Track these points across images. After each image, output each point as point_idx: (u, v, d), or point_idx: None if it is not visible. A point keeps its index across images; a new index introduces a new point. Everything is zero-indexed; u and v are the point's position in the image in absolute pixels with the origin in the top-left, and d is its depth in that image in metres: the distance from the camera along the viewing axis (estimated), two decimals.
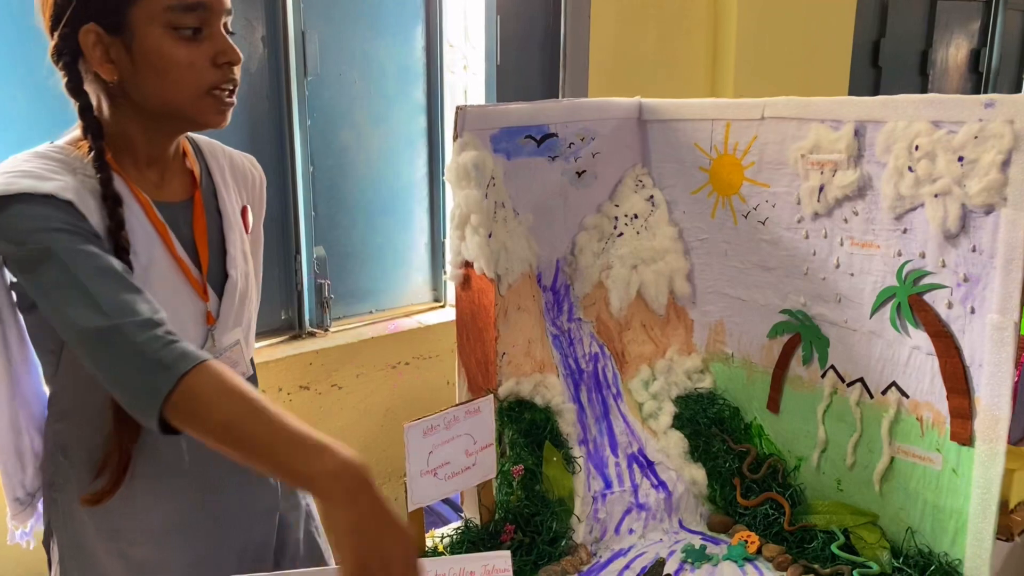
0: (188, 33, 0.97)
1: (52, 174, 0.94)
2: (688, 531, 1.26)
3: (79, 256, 0.90)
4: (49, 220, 0.91)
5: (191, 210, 1.09)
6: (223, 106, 1.01)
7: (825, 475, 1.24)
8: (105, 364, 0.88)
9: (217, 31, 0.99)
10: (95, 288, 0.89)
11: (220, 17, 0.99)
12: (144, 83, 0.98)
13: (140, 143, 1.03)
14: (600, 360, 1.37)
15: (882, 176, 1.09)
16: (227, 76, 1.00)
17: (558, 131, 1.32)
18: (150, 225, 1.03)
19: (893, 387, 1.13)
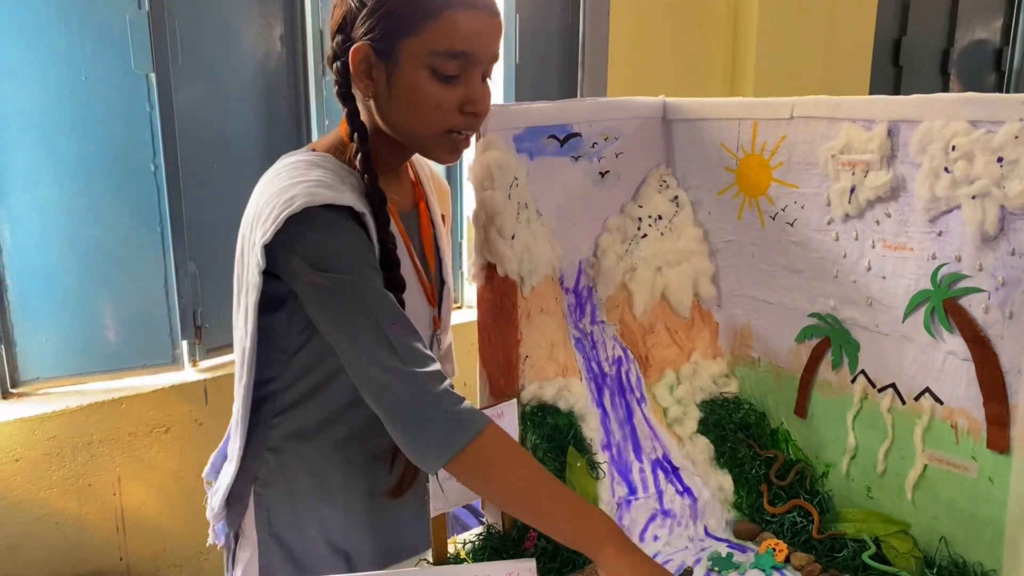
0: (447, 77, 0.99)
1: (338, 184, 1.00)
2: (714, 538, 1.23)
3: (378, 297, 0.96)
4: (350, 250, 0.97)
5: (418, 218, 1.17)
6: (457, 148, 1.06)
7: (855, 482, 1.21)
8: (396, 408, 0.93)
9: (474, 79, 1.01)
10: (391, 332, 0.94)
11: (482, 66, 1.01)
12: (393, 110, 1.03)
13: (384, 155, 1.09)
14: (624, 364, 1.35)
15: (916, 177, 1.06)
16: (469, 124, 1.04)
17: (581, 131, 1.29)
18: (398, 234, 1.09)
19: (927, 393, 1.10)
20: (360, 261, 0.97)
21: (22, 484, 1.71)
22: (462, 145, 1.06)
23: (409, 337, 0.95)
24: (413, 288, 1.10)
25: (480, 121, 1.06)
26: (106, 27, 1.75)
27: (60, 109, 1.74)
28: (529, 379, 1.22)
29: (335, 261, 0.95)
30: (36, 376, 1.81)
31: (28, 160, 1.73)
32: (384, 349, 0.93)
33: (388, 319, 0.94)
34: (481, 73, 1.02)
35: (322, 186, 0.98)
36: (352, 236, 0.98)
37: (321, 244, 0.96)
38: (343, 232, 0.97)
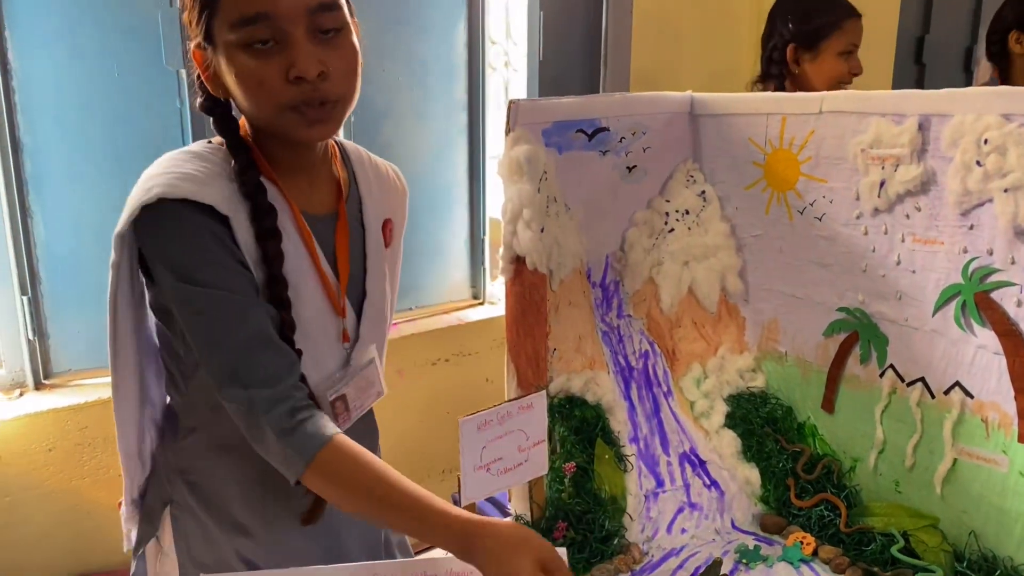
0: (260, 47, 0.88)
1: (212, 179, 0.92)
2: (741, 531, 1.24)
3: (229, 311, 0.90)
4: (204, 255, 0.90)
5: (335, 222, 1.04)
6: (314, 121, 0.92)
7: (883, 476, 1.21)
8: (242, 428, 0.92)
9: (294, 40, 0.88)
10: (236, 350, 0.90)
11: (296, 23, 0.88)
12: (237, 101, 0.94)
13: (278, 151, 0.99)
14: (650, 357, 1.35)
15: (948, 171, 1.06)
16: (305, 92, 0.89)
17: (610, 125, 1.30)
18: (298, 235, 0.99)
19: (957, 387, 1.10)
20: (217, 265, 0.91)
21: (55, 474, 1.74)
22: (318, 117, 0.92)
23: (258, 352, 0.91)
24: (313, 295, 1.01)
25: (321, 87, 0.90)
26: (138, 25, 1.77)
27: (93, 105, 1.77)
28: (557, 371, 1.23)
29: (189, 269, 0.90)
30: (68, 368, 1.84)
31: (62, 155, 1.76)
32: (227, 369, 0.90)
33: (233, 332, 0.90)
34: (304, 30, 0.88)
35: (188, 179, 0.90)
36: (207, 237, 0.90)
37: (176, 249, 0.90)
38: (197, 234, 0.90)
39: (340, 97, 0.93)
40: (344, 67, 0.92)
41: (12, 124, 1.70)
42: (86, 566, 1.80)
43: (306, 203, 1.02)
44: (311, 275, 1.01)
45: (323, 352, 1.02)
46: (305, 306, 0.99)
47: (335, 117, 0.94)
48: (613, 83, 2.44)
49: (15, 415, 1.68)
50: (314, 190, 1.03)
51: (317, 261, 1.01)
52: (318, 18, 0.89)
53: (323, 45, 0.90)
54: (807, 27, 1.89)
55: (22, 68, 1.70)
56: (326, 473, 0.90)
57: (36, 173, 1.74)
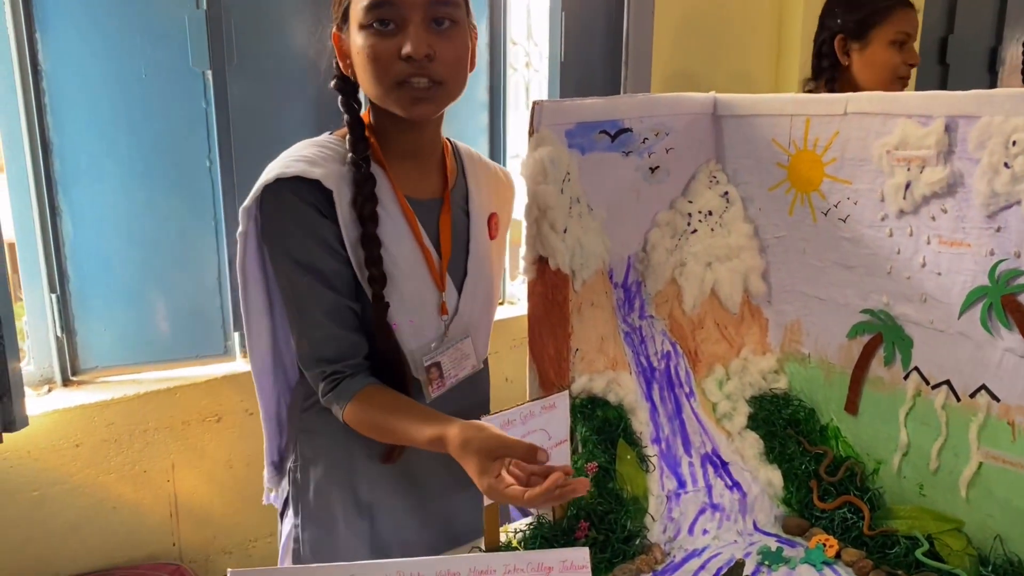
0: (381, 28, 1.02)
1: (324, 161, 1.08)
2: (763, 533, 1.24)
3: (308, 294, 1.08)
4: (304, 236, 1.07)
5: (440, 207, 1.18)
6: (415, 99, 1.05)
7: (906, 479, 1.20)
8: None
9: (413, 25, 1.01)
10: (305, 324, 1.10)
11: (415, 11, 1.01)
12: (359, 78, 1.08)
13: (392, 136, 1.13)
14: (672, 358, 1.35)
15: (975, 173, 1.06)
16: (412, 70, 1.02)
17: (632, 126, 1.30)
18: (401, 215, 1.13)
19: (983, 390, 1.09)
20: (312, 244, 1.07)
21: (81, 469, 1.76)
22: (422, 95, 1.05)
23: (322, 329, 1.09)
24: (416, 271, 1.14)
25: (426, 67, 1.03)
26: (165, 26, 1.79)
27: (120, 106, 1.79)
28: (579, 372, 1.24)
29: (284, 241, 1.07)
30: (95, 365, 1.87)
31: (89, 155, 1.78)
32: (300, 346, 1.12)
33: (306, 310, 1.09)
34: (421, 18, 1.02)
35: (302, 160, 1.06)
36: (310, 216, 1.07)
37: (280, 226, 1.07)
38: (301, 212, 1.06)
39: (443, 79, 1.05)
40: (451, 55, 1.05)
41: (42, 124, 1.73)
42: (112, 561, 1.82)
43: (413, 188, 1.15)
44: (413, 252, 1.13)
45: (422, 321, 1.15)
46: (406, 279, 1.12)
47: (437, 98, 1.07)
48: (634, 84, 2.43)
49: (43, 411, 1.70)
50: (423, 176, 1.17)
51: (420, 239, 1.13)
52: (435, 9, 1.02)
53: (436, 33, 1.03)
54: (855, 16, 1.85)
55: (52, 69, 1.72)
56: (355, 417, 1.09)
57: (65, 173, 1.77)
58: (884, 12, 1.83)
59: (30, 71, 1.70)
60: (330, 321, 1.09)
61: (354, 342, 1.11)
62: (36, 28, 1.70)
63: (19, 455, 1.69)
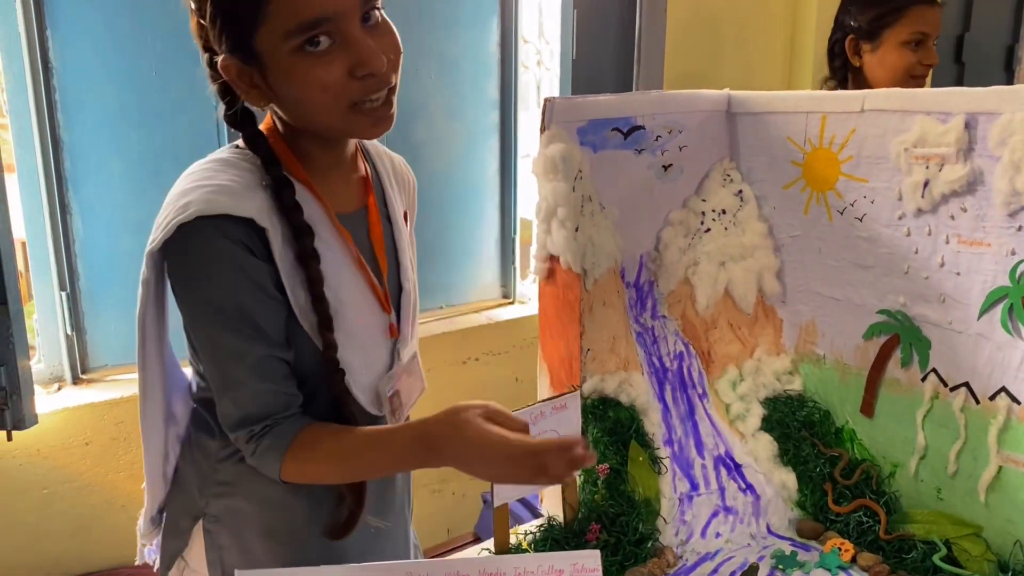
0: (315, 50, 0.85)
1: (246, 190, 0.90)
2: (777, 536, 1.22)
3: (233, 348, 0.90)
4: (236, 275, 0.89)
5: (366, 218, 1.02)
6: (378, 118, 0.90)
7: (924, 483, 1.18)
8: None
9: (352, 37, 0.85)
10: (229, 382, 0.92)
11: (351, 19, 0.85)
12: (291, 108, 0.91)
13: (316, 154, 0.97)
14: (685, 359, 1.34)
15: (995, 171, 1.03)
16: (371, 87, 0.87)
17: (645, 123, 1.29)
18: (337, 240, 0.97)
19: (1003, 392, 1.07)
20: (242, 292, 0.89)
21: (91, 467, 1.76)
22: (381, 112, 0.90)
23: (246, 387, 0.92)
24: (360, 297, 0.99)
25: (385, 76, 0.88)
26: (176, 23, 1.78)
27: (131, 104, 1.79)
28: (591, 372, 1.22)
29: (205, 286, 0.89)
30: (104, 363, 1.87)
31: (100, 153, 1.78)
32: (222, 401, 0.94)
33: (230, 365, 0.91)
34: (356, 26, 0.86)
35: (224, 192, 0.88)
36: (241, 258, 0.89)
37: (198, 272, 0.89)
38: (231, 254, 0.88)
39: (395, 82, 0.91)
40: (394, 49, 0.90)
41: (52, 122, 1.73)
42: (120, 560, 1.82)
43: (340, 202, 1.00)
44: (355, 277, 0.99)
45: (374, 352, 1.02)
46: (352, 309, 0.98)
47: (393, 111, 0.93)
48: (646, 82, 2.42)
49: (53, 409, 1.70)
50: (347, 187, 1.02)
51: (360, 261, 0.99)
52: (365, 8, 0.86)
53: (374, 36, 0.88)
54: (868, 15, 1.78)
55: (62, 67, 1.72)
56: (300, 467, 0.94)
57: (75, 171, 1.77)
58: (898, 12, 1.76)
59: (41, 69, 1.70)
60: (259, 377, 0.92)
61: (287, 395, 0.95)
62: (47, 26, 1.70)
63: (28, 453, 1.69)
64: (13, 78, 1.69)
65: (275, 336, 0.93)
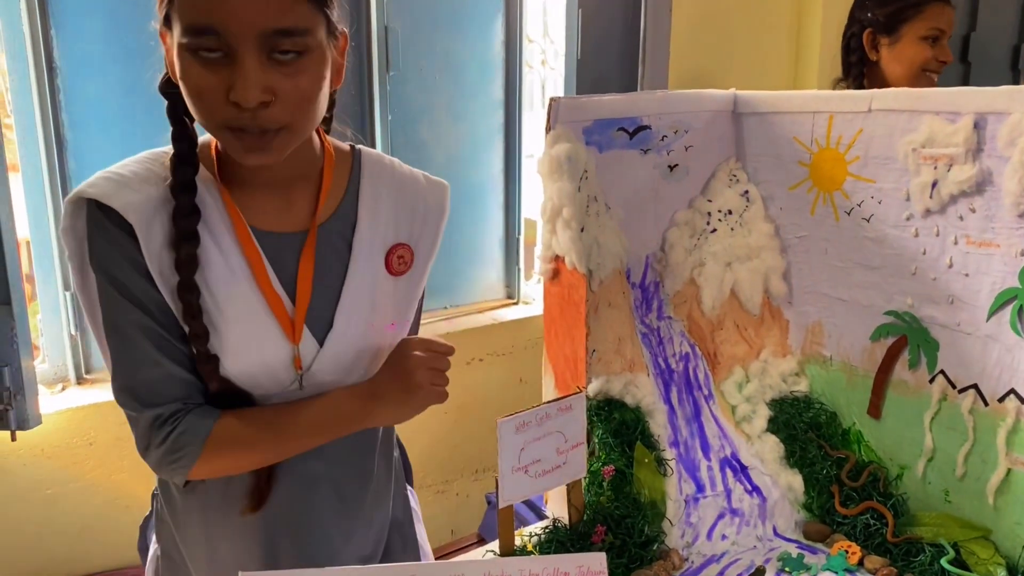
0: (207, 56, 0.80)
1: (140, 184, 0.88)
2: (783, 538, 1.21)
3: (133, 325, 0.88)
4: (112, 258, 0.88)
5: (300, 243, 0.95)
6: (247, 146, 0.84)
7: (932, 485, 1.18)
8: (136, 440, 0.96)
9: (241, 61, 0.79)
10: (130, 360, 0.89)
11: (246, 42, 0.79)
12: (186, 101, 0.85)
13: (237, 165, 0.90)
14: (691, 360, 1.33)
15: (1004, 171, 1.03)
16: (240, 118, 0.81)
17: (651, 123, 1.28)
18: (240, 255, 0.92)
19: (1012, 394, 1.06)
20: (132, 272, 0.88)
21: (95, 467, 1.76)
22: (251, 142, 0.83)
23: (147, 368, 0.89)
24: (254, 316, 0.93)
25: (257, 115, 0.81)
26: None
27: (135, 105, 1.79)
28: (596, 373, 1.22)
29: (108, 268, 0.88)
30: None
31: (105, 155, 1.78)
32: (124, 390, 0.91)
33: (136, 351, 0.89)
34: (255, 51, 0.80)
35: (111, 179, 0.87)
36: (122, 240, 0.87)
37: (97, 246, 0.88)
38: (114, 234, 0.87)
39: (285, 125, 0.84)
40: (296, 95, 0.83)
41: (57, 122, 1.73)
42: (124, 560, 1.82)
43: (271, 220, 0.94)
44: (250, 296, 0.92)
45: (269, 376, 0.95)
46: (236, 327, 0.92)
47: (276, 146, 0.85)
48: (652, 82, 2.41)
49: (57, 409, 1.70)
50: (284, 205, 0.95)
51: (264, 280, 0.93)
52: (273, 41, 0.80)
53: (277, 69, 0.82)
54: (886, 9, 1.80)
55: (67, 68, 1.72)
56: (218, 454, 0.91)
57: (79, 170, 1.76)
58: (917, 6, 1.78)
59: (45, 69, 1.70)
60: (162, 354, 0.89)
61: (192, 384, 0.91)
62: (52, 26, 1.70)
63: (33, 453, 1.69)
64: (18, 79, 1.69)
65: (168, 321, 0.90)
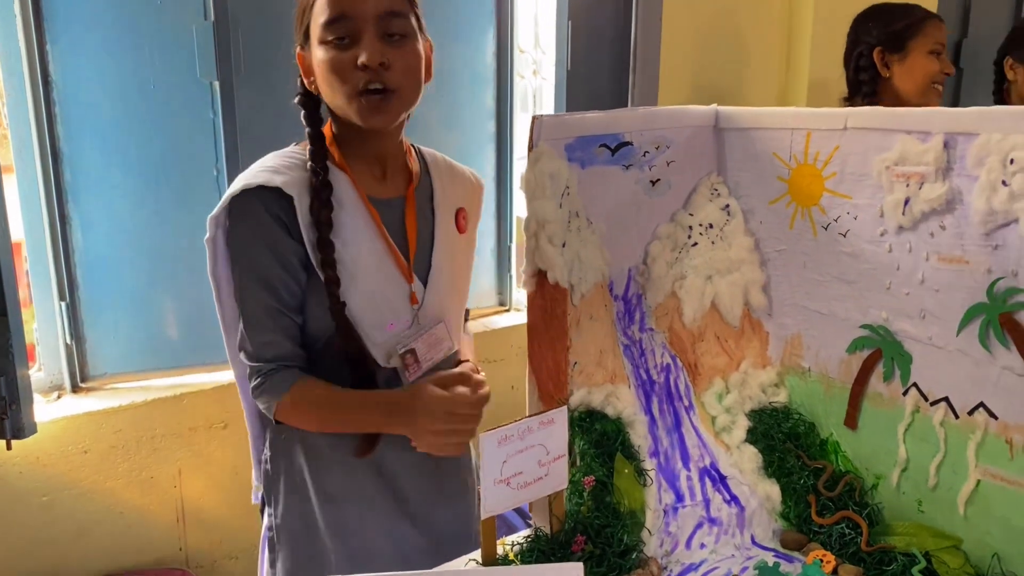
0: (339, 43, 1.11)
1: (287, 170, 1.16)
2: (760, 547, 1.24)
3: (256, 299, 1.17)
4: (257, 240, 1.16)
5: (404, 204, 1.26)
6: (371, 108, 1.13)
7: (905, 495, 1.20)
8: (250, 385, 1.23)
9: (368, 38, 1.11)
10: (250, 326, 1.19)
11: (369, 24, 1.11)
12: (322, 92, 1.17)
13: (355, 144, 1.22)
14: (672, 371, 1.36)
15: (973, 190, 1.05)
16: (368, 77, 1.11)
17: (633, 139, 1.31)
18: (365, 214, 1.20)
19: (981, 407, 1.09)
20: (269, 257, 1.15)
21: (90, 475, 1.78)
22: (378, 103, 1.13)
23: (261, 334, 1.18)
24: (380, 264, 1.21)
25: (381, 75, 1.12)
26: (173, 37, 1.82)
27: (129, 115, 1.82)
28: (578, 385, 1.24)
29: (243, 250, 1.16)
30: (104, 372, 1.89)
31: (99, 165, 1.81)
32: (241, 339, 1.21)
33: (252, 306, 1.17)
34: (374, 31, 1.11)
35: (266, 170, 1.15)
36: (271, 230, 1.15)
37: (237, 234, 1.17)
38: (265, 226, 1.15)
39: (397, 87, 1.14)
40: (404, 64, 1.13)
41: (52, 134, 1.75)
42: (119, 566, 1.85)
43: (378, 189, 1.23)
44: (377, 248, 1.21)
45: (391, 313, 1.22)
46: (369, 275, 1.20)
47: (392, 108, 1.15)
48: (642, 92, 2.44)
49: (52, 417, 1.73)
50: (386, 177, 1.25)
51: (385, 236, 1.21)
52: (386, 23, 1.11)
53: (390, 45, 1.12)
54: (892, 28, 1.92)
55: (62, 80, 1.75)
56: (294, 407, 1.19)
57: (74, 182, 1.79)
58: (919, 24, 1.93)
59: (40, 81, 1.72)
60: (274, 326, 1.17)
61: (294, 351, 1.20)
62: (47, 39, 1.72)
63: (28, 461, 1.72)
64: (13, 91, 1.72)
65: (291, 300, 1.18)
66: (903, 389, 1.19)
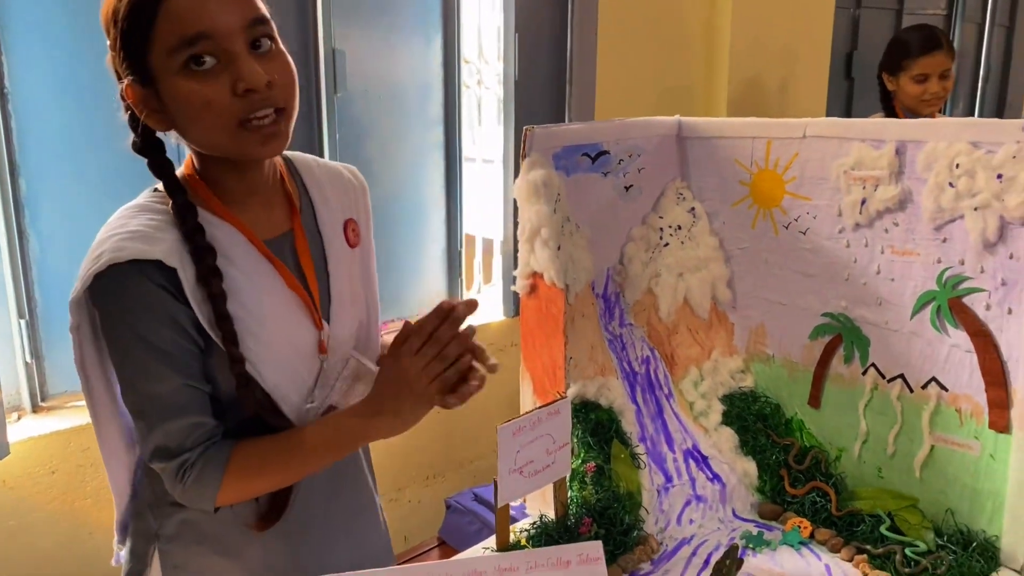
0: (199, 69, 0.89)
1: (157, 232, 0.94)
2: (741, 519, 1.36)
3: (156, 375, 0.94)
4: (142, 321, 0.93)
5: (293, 239, 1.06)
6: (267, 135, 0.93)
7: (866, 464, 1.34)
8: None
9: (237, 56, 0.89)
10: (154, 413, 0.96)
11: (237, 39, 0.90)
12: (184, 129, 0.94)
13: (228, 180, 1.00)
14: (652, 363, 1.46)
15: (923, 191, 1.20)
16: (255, 104, 0.90)
17: (610, 148, 1.41)
18: (265, 266, 1.01)
19: (933, 382, 1.24)
20: (162, 328, 0.94)
21: (58, 496, 1.74)
22: (269, 130, 0.92)
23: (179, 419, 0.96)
24: (290, 315, 1.03)
25: (269, 96, 0.91)
26: None
27: (87, 127, 1.78)
28: (573, 379, 1.33)
29: (131, 331, 0.93)
30: (64, 389, 1.85)
31: (57, 178, 1.77)
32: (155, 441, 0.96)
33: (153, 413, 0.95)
34: (244, 45, 0.90)
35: (134, 238, 0.93)
36: (152, 299, 0.93)
37: (116, 315, 0.94)
38: (140, 299, 0.93)
39: (286, 106, 0.94)
40: (285, 78, 0.94)
41: (9, 147, 1.71)
42: None
43: (263, 228, 1.03)
44: (284, 298, 1.02)
45: (301, 367, 1.05)
46: (280, 335, 1.01)
47: (284, 130, 0.95)
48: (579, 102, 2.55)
49: (17, 439, 1.68)
50: (270, 213, 1.04)
51: (291, 281, 1.03)
52: (254, 32, 0.91)
53: (261, 59, 0.92)
54: (890, 57, 2.53)
55: (18, 91, 1.70)
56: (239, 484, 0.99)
57: (32, 196, 1.75)
58: (909, 57, 2.46)
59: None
60: (178, 410, 0.96)
61: (207, 427, 0.98)
62: (1, 50, 1.68)
63: None
64: None
65: (191, 369, 0.97)
66: (862, 369, 1.33)
